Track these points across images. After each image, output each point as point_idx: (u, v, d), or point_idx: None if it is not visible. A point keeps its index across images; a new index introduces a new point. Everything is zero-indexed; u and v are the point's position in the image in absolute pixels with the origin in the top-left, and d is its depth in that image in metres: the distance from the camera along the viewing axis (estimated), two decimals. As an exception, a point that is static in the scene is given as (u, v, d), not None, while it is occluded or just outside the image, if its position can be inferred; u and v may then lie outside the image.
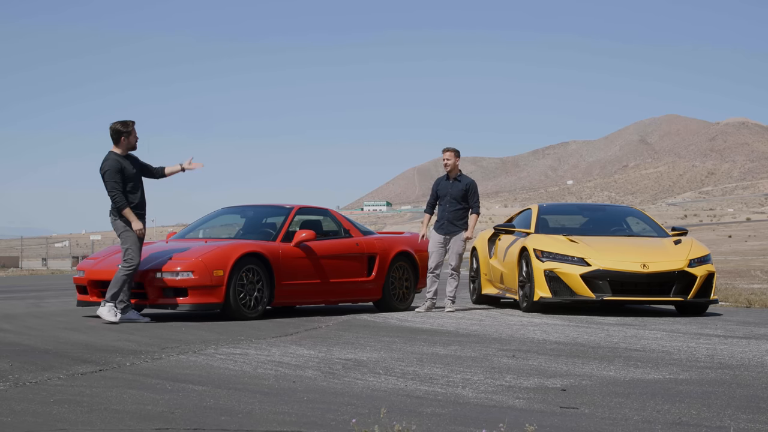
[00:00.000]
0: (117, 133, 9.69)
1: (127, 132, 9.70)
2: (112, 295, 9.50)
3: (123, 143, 9.70)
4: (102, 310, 9.49)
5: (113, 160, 9.63)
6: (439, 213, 11.99)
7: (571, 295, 11.24)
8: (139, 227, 9.57)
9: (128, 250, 9.56)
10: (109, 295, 9.50)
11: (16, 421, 4.30)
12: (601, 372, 6.20)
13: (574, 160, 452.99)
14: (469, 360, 6.80)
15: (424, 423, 4.34)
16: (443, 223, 11.88)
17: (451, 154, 11.89)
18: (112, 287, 9.53)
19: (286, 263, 10.56)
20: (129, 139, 9.72)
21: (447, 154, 11.89)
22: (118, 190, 9.56)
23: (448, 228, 11.84)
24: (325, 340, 8.08)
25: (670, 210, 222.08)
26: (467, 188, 11.89)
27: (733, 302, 14.12)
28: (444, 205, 11.90)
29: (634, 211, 13.56)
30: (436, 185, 12.13)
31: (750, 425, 4.42)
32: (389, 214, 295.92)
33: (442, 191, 11.96)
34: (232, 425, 4.25)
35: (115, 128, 9.70)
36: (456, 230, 11.83)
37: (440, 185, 12.04)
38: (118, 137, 9.70)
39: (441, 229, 11.88)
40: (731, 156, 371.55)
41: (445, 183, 11.99)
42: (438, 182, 12.14)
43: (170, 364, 6.39)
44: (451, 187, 11.90)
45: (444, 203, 11.91)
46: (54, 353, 6.86)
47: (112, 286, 9.53)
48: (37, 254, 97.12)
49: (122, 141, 9.70)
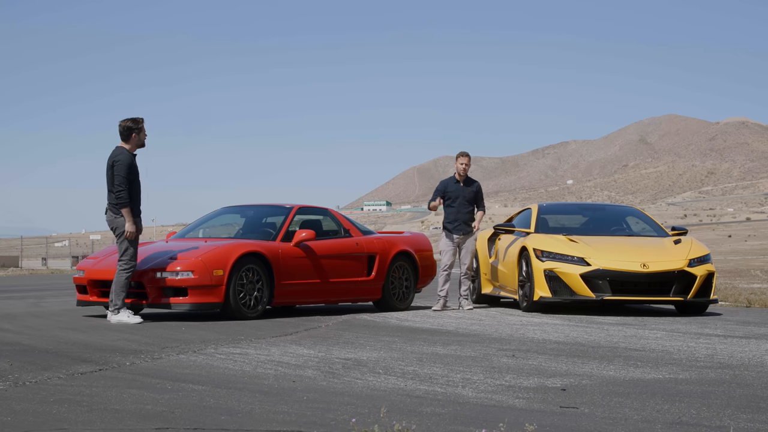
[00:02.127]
0: (128, 130, 9.55)
1: (137, 129, 9.57)
2: (122, 301, 9.44)
3: (133, 140, 9.56)
4: (117, 317, 9.40)
5: (126, 155, 9.48)
6: (452, 215, 12.16)
7: (571, 295, 11.24)
8: (133, 229, 9.37)
9: (128, 250, 9.44)
10: (119, 302, 9.42)
11: (16, 420, 4.30)
12: (601, 371, 6.20)
13: (574, 160, 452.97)
14: (469, 360, 6.79)
15: (424, 423, 4.34)
16: (459, 224, 12.12)
17: (468, 159, 12.20)
18: (119, 293, 9.42)
19: (286, 263, 10.56)
20: (140, 136, 9.59)
21: (465, 159, 12.18)
22: (126, 186, 9.41)
23: (463, 229, 12.12)
24: (325, 340, 8.08)
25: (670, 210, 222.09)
26: (477, 190, 12.27)
27: (732, 302, 14.12)
28: (457, 207, 12.13)
29: (634, 210, 13.56)
30: (444, 186, 12.25)
31: (750, 425, 4.42)
32: (389, 214, 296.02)
33: (454, 194, 12.17)
34: (232, 425, 4.25)
35: (125, 125, 9.56)
36: (470, 231, 12.18)
37: (450, 187, 12.20)
38: (129, 134, 9.55)
39: (457, 230, 12.13)
40: (731, 156, 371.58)
41: (456, 185, 12.20)
42: (447, 184, 12.24)
43: (170, 363, 6.39)
44: (463, 190, 12.17)
45: (456, 205, 12.13)
46: (54, 353, 6.85)
47: (119, 292, 9.43)
48: (37, 254, 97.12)
49: (133, 138, 9.56)
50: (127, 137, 9.56)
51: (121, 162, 9.40)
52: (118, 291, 9.45)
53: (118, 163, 9.41)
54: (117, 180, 9.38)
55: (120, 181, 9.36)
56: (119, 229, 9.45)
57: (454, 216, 12.13)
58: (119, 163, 9.40)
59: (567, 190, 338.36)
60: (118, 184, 9.37)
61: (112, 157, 9.51)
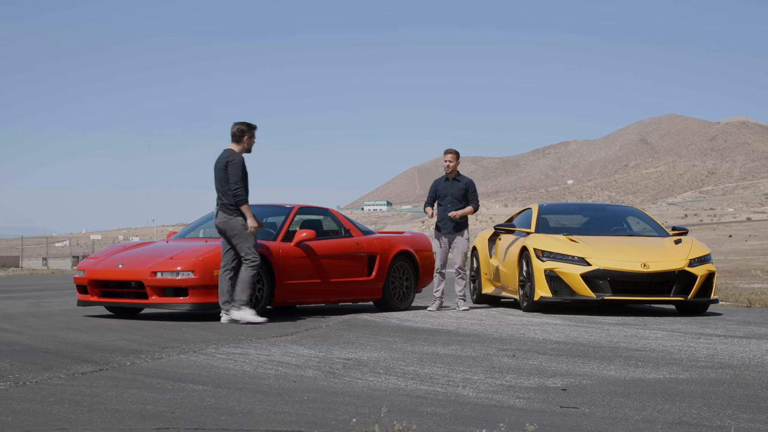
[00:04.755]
0: (241, 133, 9.79)
1: (250, 133, 9.83)
2: (248, 297, 9.51)
3: (244, 143, 9.80)
4: (240, 314, 9.47)
5: (238, 155, 9.71)
6: (440, 213, 12.06)
7: (572, 295, 11.24)
8: (255, 224, 9.56)
9: (249, 248, 9.55)
10: (244, 300, 9.48)
11: (16, 420, 4.30)
12: (602, 371, 6.20)
13: (575, 160, 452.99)
14: (470, 359, 6.79)
15: (424, 422, 4.34)
16: (446, 222, 11.96)
17: (453, 156, 12.01)
18: (244, 289, 9.49)
19: (286, 263, 10.56)
20: (250, 140, 9.85)
21: (449, 156, 12.00)
22: (242, 183, 9.59)
23: (451, 227, 11.94)
24: (326, 340, 8.08)
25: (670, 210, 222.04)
26: (467, 187, 12.05)
27: (733, 302, 14.12)
28: (445, 206, 12.00)
29: (635, 210, 13.56)
30: (435, 186, 12.20)
31: (750, 425, 4.42)
32: (389, 214, 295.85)
33: (443, 191, 12.06)
34: (232, 425, 4.25)
35: (240, 128, 9.80)
36: (459, 230, 12.00)
37: (440, 186, 12.12)
38: (241, 136, 9.79)
39: (445, 228, 11.97)
40: (731, 155, 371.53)
41: (445, 183, 12.10)
42: (437, 183, 12.20)
43: (170, 363, 6.39)
44: (451, 187, 12.03)
45: (445, 203, 12.01)
46: (54, 353, 6.86)
47: (245, 289, 9.49)
48: (37, 254, 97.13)
49: (244, 140, 9.80)
50: (239, 139, 9.81)
51: (235, 162, 9.63)
52: (244, 288, 9.51)
53: (232, 163, 9.62)
54: (233, 179, 9.58)
55: (236, 179, 9.57)
56: (233, 230, 9.57)
57: (442, 214, 12.05)
58: (233, 162, 9.62)
59: (567, 190, 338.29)
60: (234, 183, 9.57)
61: (224, 158, 9.70)
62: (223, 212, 9.63)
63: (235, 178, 9.56)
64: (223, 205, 9.63)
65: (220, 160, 9.73)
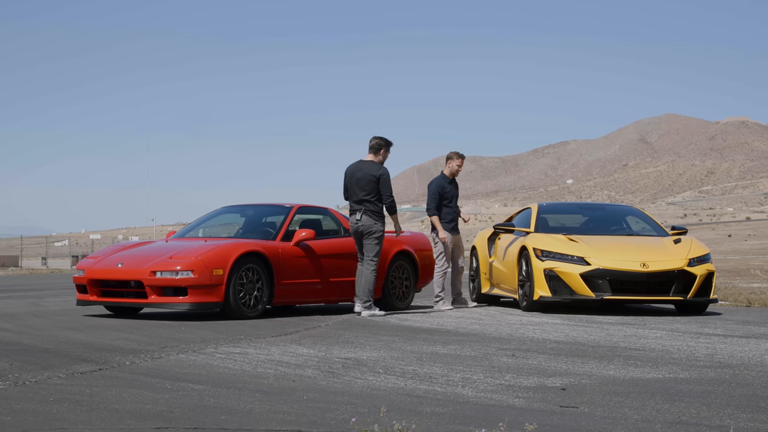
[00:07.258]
0: (379, 146, 10.95)
1: (386, 148, 10.99)
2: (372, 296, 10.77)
3: (380, 155, 10.94)
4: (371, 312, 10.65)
5: (386, 168, 10.87)
6: (450, 214, 12.28)
7: (571, 295, 11.25)
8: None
9: (376, 253, 10.77)
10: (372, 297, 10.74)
11: (16, 420, 4.30)
12: (601, 371, 6.20)
13: (574, 160, 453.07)
14: (469, 359, 6.80)
15: (423, 422, 4.34)
16: (456, 224, 12.37)
17: (463, 160, 12.39)
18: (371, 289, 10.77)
19: (285, 262, 10.57)
20: (386, 154, 10.97)
21: (461, 161, 12.35)
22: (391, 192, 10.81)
23: (456, 227, 12.36)
24: (325, 339, 8.08)
25: (669, 209, 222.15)
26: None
27: (732, 301, 14.13)
28: (453, 207, 12.32)
29: (634, 210, 13.56)
30: (441, 187, 12.22)
31: (750, 424, 4.42)
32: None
33: (450, 193, 12.29)
34: (231, 424, 4.25)
35: (379, 142, 10.93)
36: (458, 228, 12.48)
37: (446, 188, 12.22)
38: (378, 149, 10.95)
39: (454, 229, 12.34)
40: (731, 155, 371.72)
41: (450, 186, 12.34)
42: (442, 185, 12.24)
43: (170, 363, 6.39)
44: (456, 189, 12.40)
45: (452, 205, 12.31)
46: (54, 352, 6.86)
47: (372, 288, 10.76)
48: (36, 253, 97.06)
49: (381, 153, 10.95)
50: (376, 151, 10.93)
51: (386, 175, 10.80)
52: (370, 288, 10.67)
53: (384, 177, 10.75)
54: (387, 191, 10.77)
55: (389, 192, 10.81)
56: (372, 234, 10.73)
57: (452, 215, 12.26)
58: (385, 176, 10.78)
59: (567, 190, 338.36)
60: (388, 195, 10.78)
61: (373, 170, 10.76)
62: (368, 216, 10.72)
63: (389, 191, 10.78)
64: (368, 211, 10.73)
65: (363, 169, 10.78)
